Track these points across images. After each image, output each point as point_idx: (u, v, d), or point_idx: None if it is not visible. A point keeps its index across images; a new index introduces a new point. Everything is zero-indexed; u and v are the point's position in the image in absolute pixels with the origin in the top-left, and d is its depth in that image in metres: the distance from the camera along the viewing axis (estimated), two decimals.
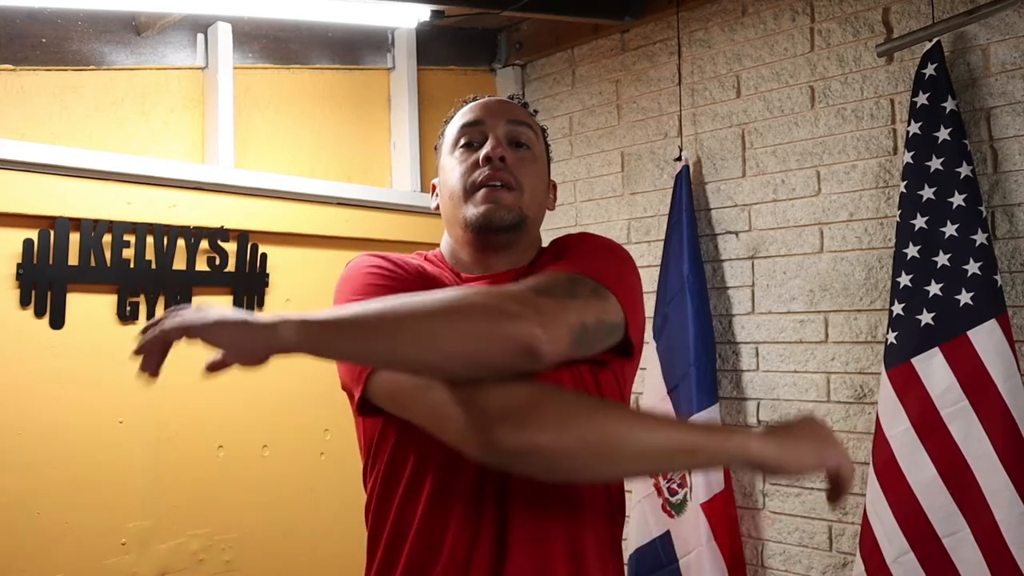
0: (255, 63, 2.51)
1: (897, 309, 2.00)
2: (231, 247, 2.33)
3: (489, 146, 1.13)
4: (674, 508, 2.41)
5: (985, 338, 1.87)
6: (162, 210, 2.18)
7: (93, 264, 2.06)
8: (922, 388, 1.94)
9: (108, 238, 2.09)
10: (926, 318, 1.95)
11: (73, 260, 2.04)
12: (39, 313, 2.00)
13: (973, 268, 1.90)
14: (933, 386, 1.92)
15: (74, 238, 2.04)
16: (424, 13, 2.54)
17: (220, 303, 2.33)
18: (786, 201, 2.39)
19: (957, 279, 1.92)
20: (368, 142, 2.83)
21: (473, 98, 1.23)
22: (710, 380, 2.39)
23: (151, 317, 2.18)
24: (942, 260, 1.94)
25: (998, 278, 1.89)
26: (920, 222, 1.98)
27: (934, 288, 1.95)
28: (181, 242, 2.22)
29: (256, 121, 2.52)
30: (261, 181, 2.38)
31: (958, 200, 1.93)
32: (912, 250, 1.99)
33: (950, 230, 1.94)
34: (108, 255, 2.09)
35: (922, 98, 2.00)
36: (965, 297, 1.90)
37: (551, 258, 1.13)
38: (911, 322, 1.97)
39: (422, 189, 2.83)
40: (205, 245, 2.27)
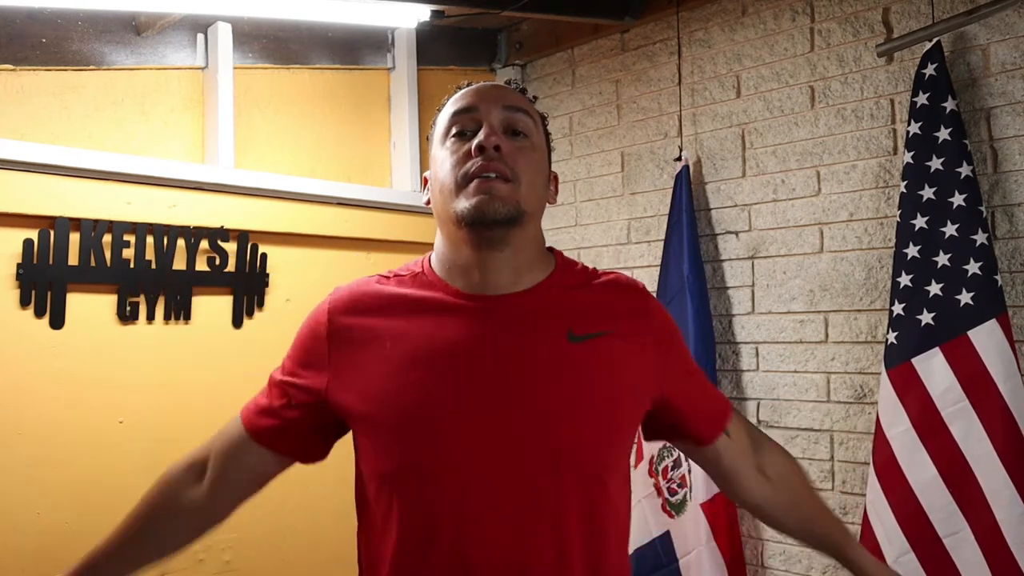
0: (255, 63, 2.51)
1: (897, 309, 2.00)
2: (231, 247, 2.33)
3: (482, 134, 1.02)
4: (674, 508, 2.41)
5: (985, 338, 1.87)
6: (162, 210, 2.18)
7: (93, 264, 2.06)
8: (922, 388, 1.94)
9: (108, 238, 2.09)
10: (926, 318, 1.95)
11: (73, 260, 2.04)
12: (39, 313, 2.00)
13: (973, 268, 1.90)
14: (933, 386, 1.92)
15: (74, 238, 2.04)
16: (424, 13, 2.54)
17: (221, 302, 2.33)
18: (786, 201, 2.39)
19: (957, 279, 1.92)
20: (368, 142, 2.83)
21: (467, 84, 1.12)
22: (710, 380, 2.39)
23: (151, 317, 2.18)
24: (942, 260, 1.94)
25: (998, 278, 1.89)
26: (920, 222, 1.98)
27: (934, 288, 1.95)
28: (181, 242, 2.22)
29: (256, 121, 2.52)
30: (261, 181, 2.38)
31: (958, 200, 1.93)
32: (912, 250, 1.99)
33: (950, 230, 1.94)
34: (108, 255, 2.09)
35: (922, 98, 2.00)
36: (965, 297, 1.90)
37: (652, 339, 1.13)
38: (911, 322, 1.97)
39: (422, 189, 2.82)
40: (205, 245, 2.27)
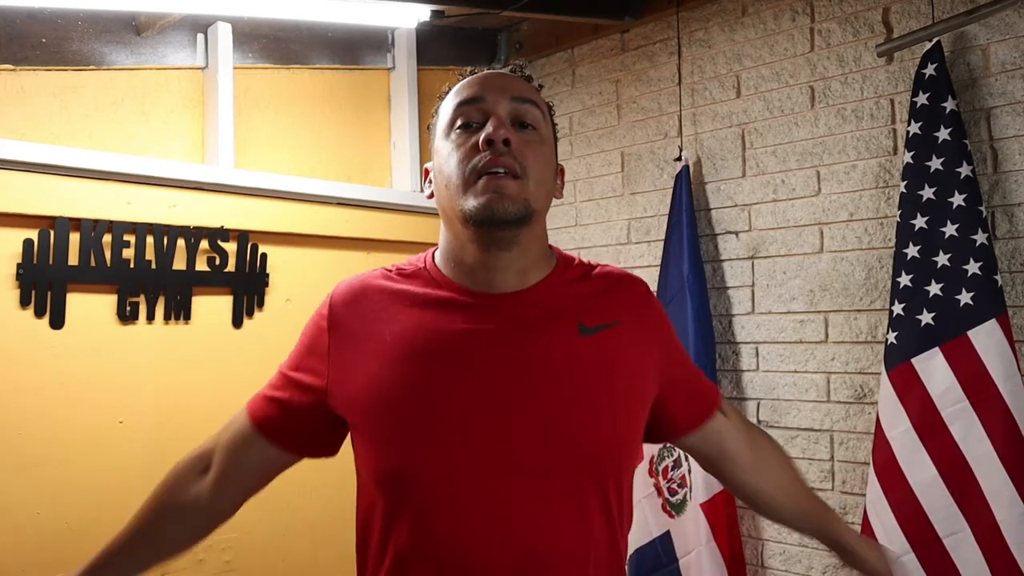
0: (255, 63, 2.51)
1: (897, 309, 2.00)
2: (231, 247, 2.33)
3: (491, 127, 0.98)
4: (674, 508, 2.41)
5: (985, 338, 1.87)
6: (162, 210, 2.18)
7: (93, 264, 2.06)
8: (922, 388, 1.94)
9: (108, 238, 2.09)
10: (926, 318, 1.95)
11: (73, 260, 2.04)
12: (39, 313, 2.00)
13: (973, 268, 1.90)
14: (933, 386, 1.92)
15: (74, 238, 2.04)
16: (424, 13, 2.54)
17: (221, 302, 2.33)
18: (786, 201, 2.39)
19: (957, 279, 1.92)
20: (368, 142, 2.83)
21: (471, 71, 1.07)
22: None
23: (151, 317, 2.18)
24: (942, 260, 1.94)
25: (998, 278, 1.89)
26: (920, 222, 1.98)
27: (934, 288, 1.95)
28: (181, 242, 2.22)
29: (256, 121, 2.52)
30: (261, 181, 2.38)
31: (958, 200, 1.93)
32: (912, 250, 1.99)
33: (950, 230, 1.94)
34: (108, 255, 2.09)
35: (922, 98, 2.00)
36: (965, 297, 1.90)
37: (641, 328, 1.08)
38: (911, 322, 1.97)
39: (422, 181, 2.83)
40: (205, 245, 2.27)
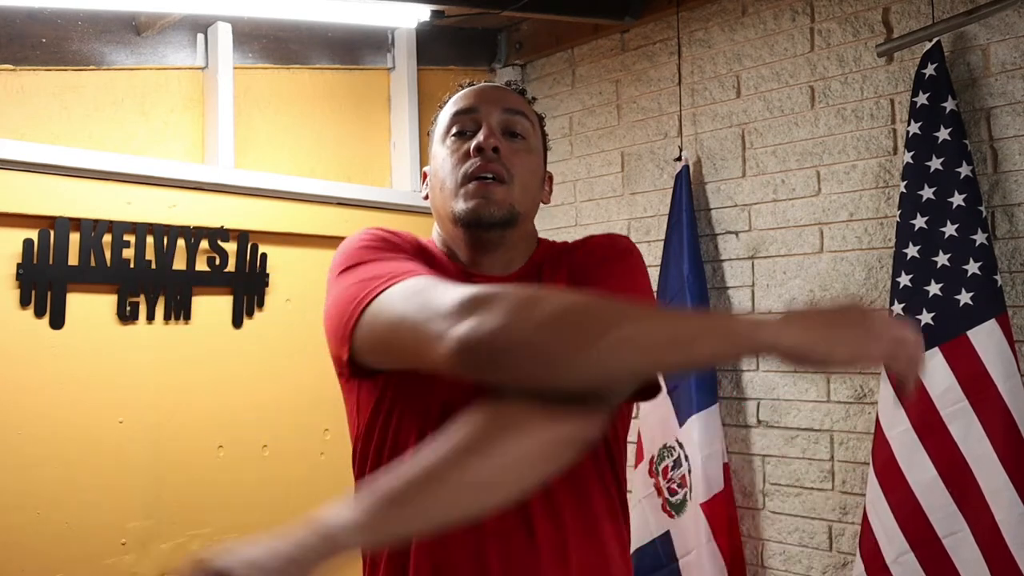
0: (255, 63, 2.51)
1: (897, 309, 2.00)
2: (231, 247, 2.33)
3: (481, 135, 1.07)
4: (674, 508, 2.41)
5: (985, 338, 1.88)
6: (162, 210, 2.18)
7: (93, 264, 2.06)
8: (922, 388, 1.94)
9: (108, 238, 2.09)
10: (926, 318, 1.95)
11: (73, 260, 2.04)
12: (39, 313, 2.00)
13: (973, 268, 1.90)
14: (933, 386, 1.92)
15: (74, 238, 2.03)
16: (424, 13, 2.54)
17: (221, 302, 2.33)
18: (786, 201, 2.38)
19: (957, 279, 1.92)
20: (368, 142, 2.83)
21: (468, 83, 1.17)
22: (710, 380, 2.39)
23: (151, 317, 2.18)
24: (942, 260, 1.94)
25: (998, 278, 1.89)
26: (920, 222, 1.98)
27: (934, 288, 1.95)
28: (181, 242, 2.22)
29: (256, 121, 2.52)
30: (261, 181, 2.38)
31: (958, 200, 1.93)
32: (912, 250, 1.99)
33: (950, 230, 1.94)
34: (108, 255, 2.09)
35: (922, 98, 2.00)
36: (965, 297, 1.90)
37: (572, 272, 1.08)
38: (911, 322, 1.97)
39: (421, 183, 2.83)
40: (205, 245, 2.27)
